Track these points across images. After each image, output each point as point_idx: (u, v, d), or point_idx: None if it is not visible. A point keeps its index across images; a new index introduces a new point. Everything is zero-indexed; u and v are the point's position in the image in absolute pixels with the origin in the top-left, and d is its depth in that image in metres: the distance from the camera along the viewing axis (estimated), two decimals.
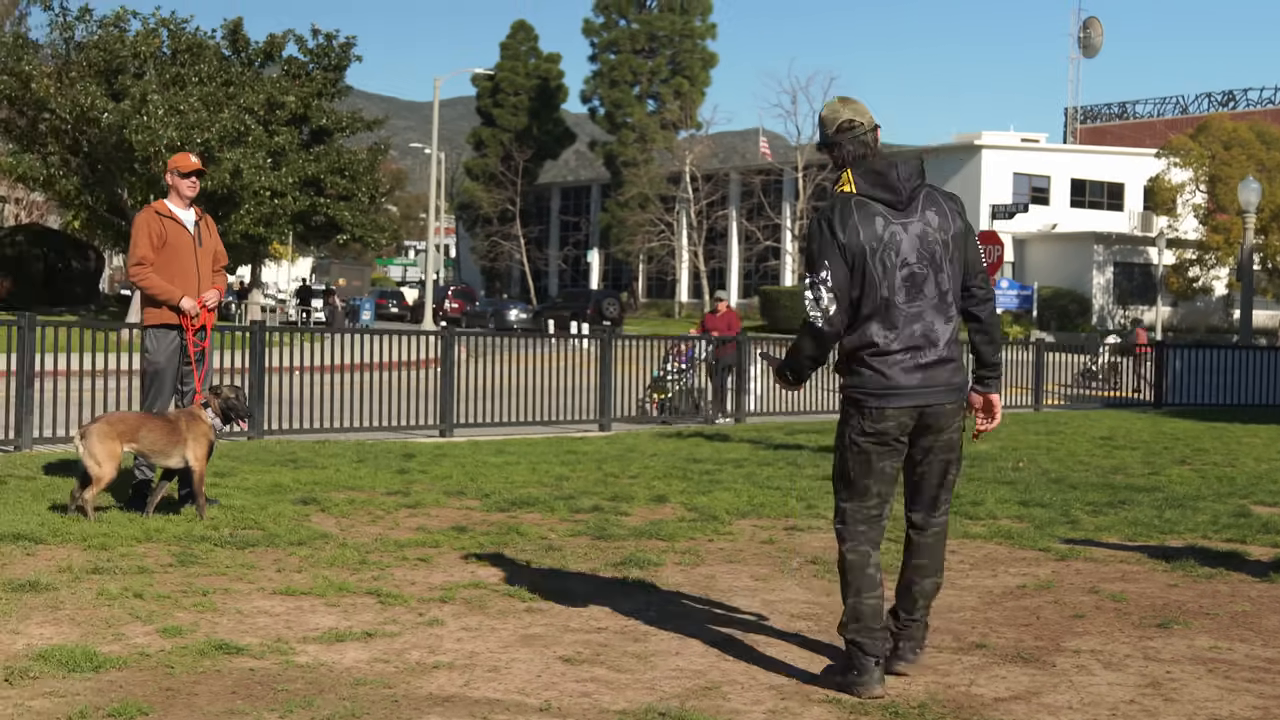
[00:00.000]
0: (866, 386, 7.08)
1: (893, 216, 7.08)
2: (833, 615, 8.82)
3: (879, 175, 7.14)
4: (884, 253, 7.01)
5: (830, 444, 19.43)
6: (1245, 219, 41.75)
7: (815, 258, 7.08)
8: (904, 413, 7.07)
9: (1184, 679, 7.61)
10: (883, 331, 7.03)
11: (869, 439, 7.12)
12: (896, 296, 7.03)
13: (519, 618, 8.52)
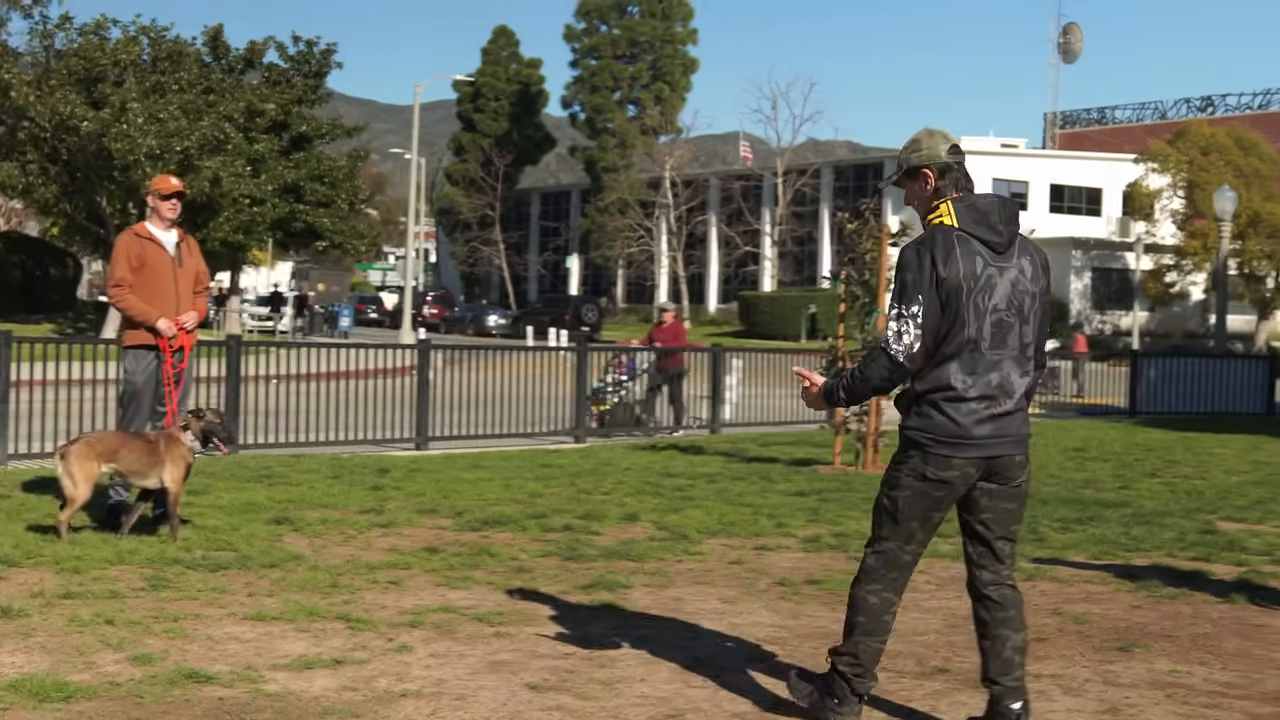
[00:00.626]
0: (935, 431, 6.76)
1: (991, 258, 6.77)
2: (799, 639, 8.94)
3: (982, 214, 6.82)
4: (979, 294, 6.71)
5: (805, 456, 19.72)
6: (1221, 228, 41.94)
7: (908, 288, 6.72)
8: (970, 463, 6.77)
9: (1142, 704, 7.72)
10: (962, 376, 6.73)
11: (928, 485, 6.82)
12: (983, 342, 6.74)
13: (487, 643, 8.61)
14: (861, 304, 19.16)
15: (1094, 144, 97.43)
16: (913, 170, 6.99)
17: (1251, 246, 68.54)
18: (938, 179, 6.91)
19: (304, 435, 19.92)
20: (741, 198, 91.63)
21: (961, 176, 6.94)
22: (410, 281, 69.88)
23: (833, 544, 12.42)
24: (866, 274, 19.26)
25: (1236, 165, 70.38)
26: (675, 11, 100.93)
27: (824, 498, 15.45)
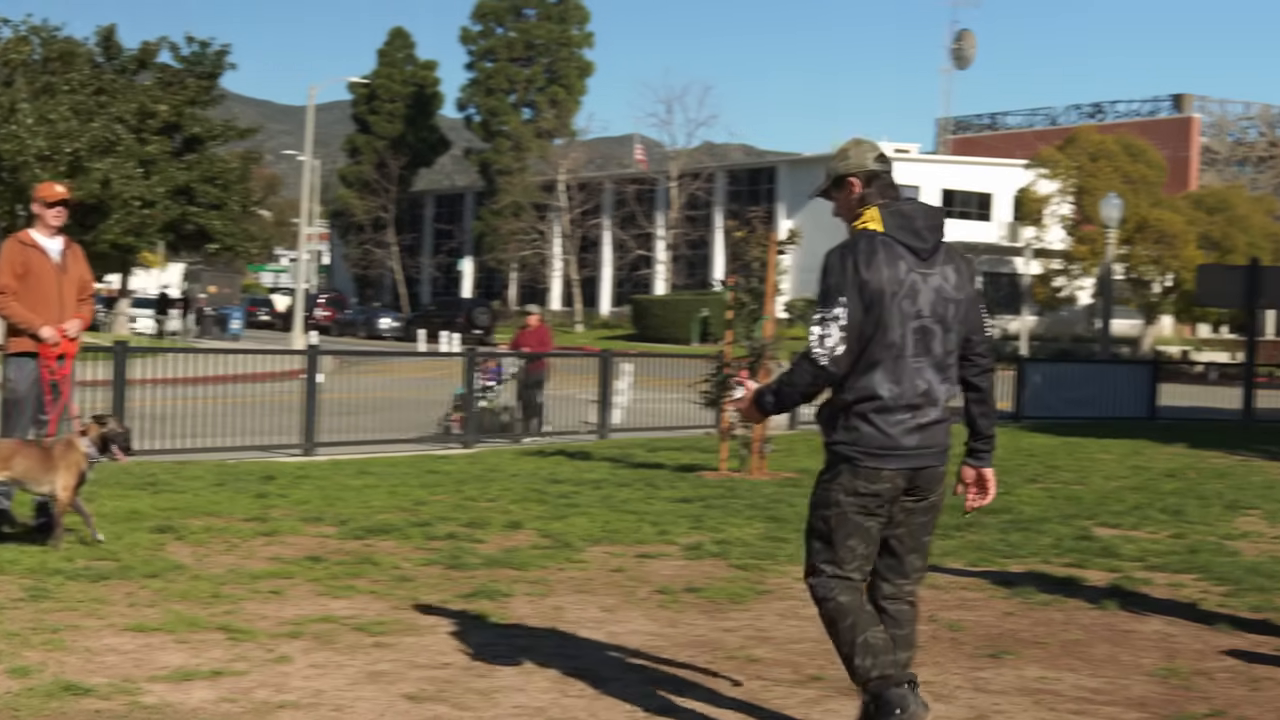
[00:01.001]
0: (864, 444, 6.67)
1: (915, 264, 6.70)
2: (677, 647, 9.04)
3: (907, 219, 6.77)
4: (903, 299, 6.65)
5: (691, 461, 19.83)
6: (1107, 234, 42.48)
7: (831, 292, 6.64)
8: (900, 474, 6.70)
9: (1010, 711, 7.88)
10: (887, 384, 6.64)
11: (861, 499, 6.71)
12: (906, 349, 6.67)
13: (367, 653, 8.66)
14: (749, 310, 19.30)
15: (985, 149, 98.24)
16: (839, 179, 6.98)
17: (1139, 252, 69.31)
18: (864, 186, 6.90)
19: (190, 441, 19.86)
20: (635, 201, 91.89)
21: (888, 184, 6.92)
22: (302, 284, 69.60)
23: (714, 551, 12.53)
24: (754, 281, 19.41)
25: (1125, 172, 71.17)
26: (571, 15, 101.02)
27: (708, 504, 15.58)
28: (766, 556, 12.33)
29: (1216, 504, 17.14)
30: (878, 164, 6.92)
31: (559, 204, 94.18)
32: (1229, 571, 12.22)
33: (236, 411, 20.50)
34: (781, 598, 10.71)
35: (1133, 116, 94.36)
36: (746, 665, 8.67)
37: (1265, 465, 22.70)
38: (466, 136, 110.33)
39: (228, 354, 23.38)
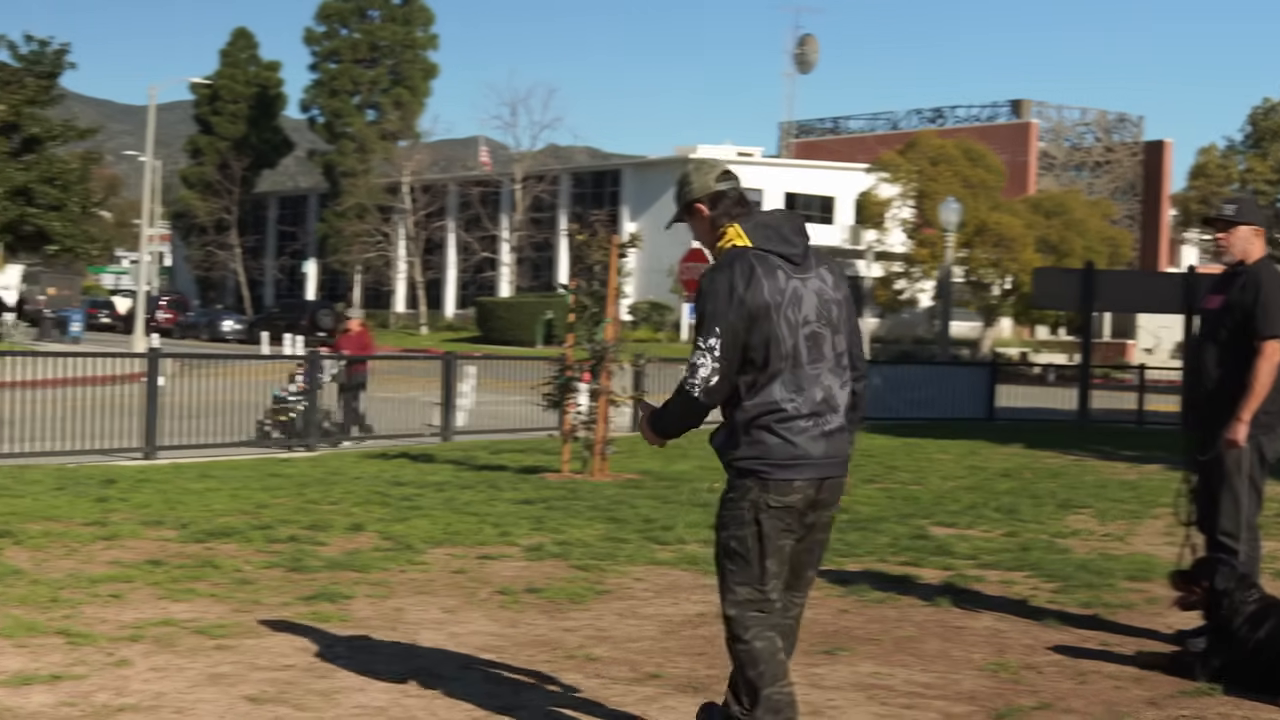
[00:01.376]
0: (772, 456, 6.50)
1: (792, 271, 6.61)
2: (517, 647, 9.13)
3: (773, 229, 6.69)
4: (788, 308, 6.54)
5: (534, 464, 19.90)
6: (946, 238, 43.08)
7: (706, 320, 6.52)
8: (810, 485, 6.55)
9: (844, 705, 8.05)
10: (787, 395, 6.51)
11: (773, 514, 6.53)
12: (801, 357, 6.55)
13: (208, 656, 8.68)
14: (591, 313, 19.42)
15: (828, 153, 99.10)
16: (688, 207, 6.90)
17: (978, 255, 70.18)
18: (712, 209, 6.82)
19: (29, 445, 19.67)
20: (480, 204, 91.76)
21: (736, 200, 6.83)
22: (144, 286, 68.84)
23: (555, 552, 12.64)
24: (596, 284, 19.53)
25: (964, 176, 72.03)
26: (416, 17, 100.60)
27: (550, 506, 15.67)
28: (607, 557, 12.45)
29: (1049, 503, 17.47)
30: (720, 182, 6.85)
31: (403, 206, 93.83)
32: (1059, 569, 12.51)
33: (76, 415, 20.31)
34: (621, 597, 10.83)
35: (972, 122, 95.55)
36: (586, 664, 8.78)
37: (1098, 465, 23.15)
38: (310, 138, 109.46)
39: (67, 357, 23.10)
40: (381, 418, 25.33)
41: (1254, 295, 9.39)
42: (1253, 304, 9.38)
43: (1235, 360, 9.44)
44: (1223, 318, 9.56)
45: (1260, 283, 9.43)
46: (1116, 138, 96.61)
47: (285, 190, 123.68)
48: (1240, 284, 9.53)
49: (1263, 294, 9.37)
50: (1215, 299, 9.71)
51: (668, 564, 12.29)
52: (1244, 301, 9.44)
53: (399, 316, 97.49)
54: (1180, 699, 8.39)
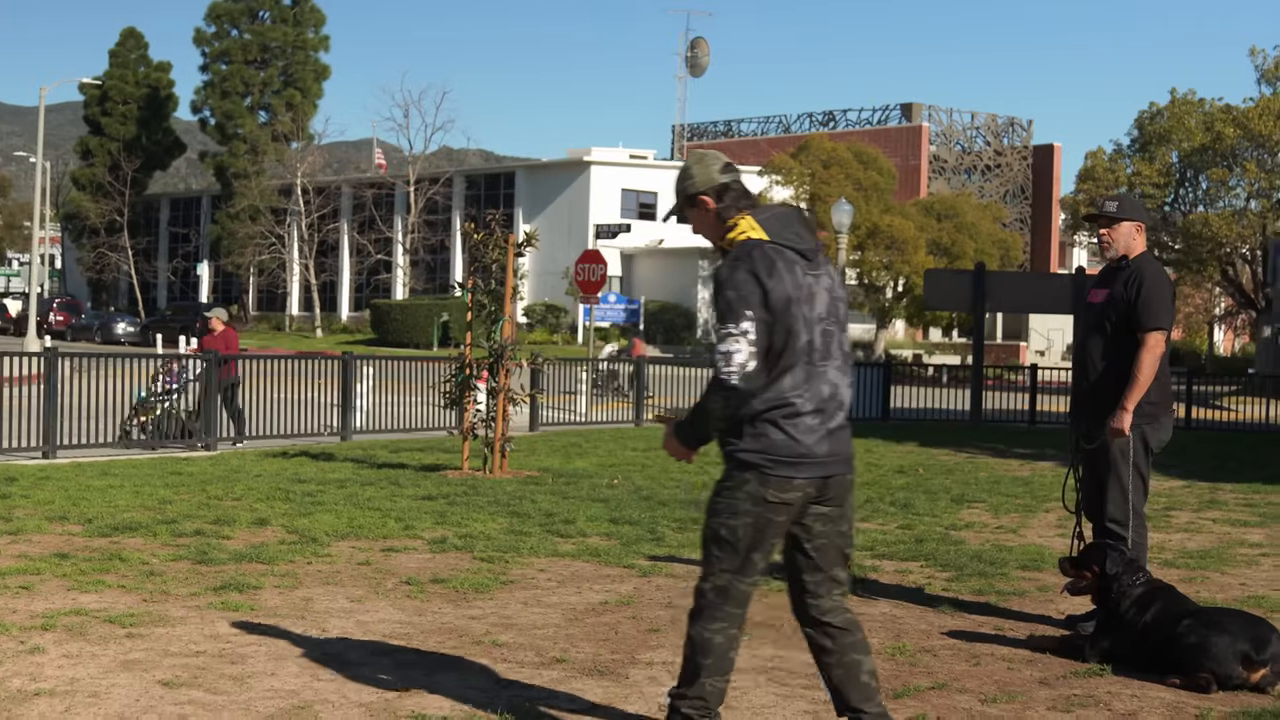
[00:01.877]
0: (775, 452, 6.41)
1: (806, 268, 6.52)
2: (424, 634, 9.29)
3: (787, 224, 6.58)
4: (804, 304, 6.45)
5: (434, 461, 20.02)
6: (838, 239, 43.46)
7: (733, 305, 6.34)
8: (810, 483, 6.48)
9: (746, 687, 8.27)
10: (795, 390, 6.42)
11: (768, 509, 6.47)
12: (815, 353, 6.47)
13: (120, 643, 8.79)
14: (488, 312, 19.57)
15: None
16: (691, 199, 6.78)
17: (871, 257, 70.74)
18: (717, 201, 6.71)
19: None
20: (374, 206, 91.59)
21: (741, 193, 6.74)
22: (35, 288, 68.31)
23: (458, 545, 12.80)
24: (493, 283, 19.68)
25: (856, 178, 72.57)
26: (307, 18, 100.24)
27: (451, 501, 15.82)
28: (510, 549, 12.62)
29: (944, 498, 17.78)
30: (725, 175, 6.74)
31: (296, 208, 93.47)
32: (953, 559, 12.80)
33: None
34: (525, 587, 11.01)
35: (864, 125, 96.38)
36: (492, 649, 8.95)
37: (991, 462, 23.51)
38: (202, 139, 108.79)
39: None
40: (279, 418, 25.29)
41: (1137, 289, 9.72)
42: (1135, 298, 9.70)
43: (1119, 352, 9.76)
44: (1107, 311, 9.86)
45: (1143, 277, 9.75)
46: (1006, 142, 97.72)
47: (177, 192, 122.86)
48: (1124, 279, 9.85)
49: (1145, 288, 9.70)
50: (1099, 293, 10.02)
51: (570, 556, 12.49)
52: (1127, 295, 9.76)
53: (294, 319, 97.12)
54: (1071, 679, 8.67)
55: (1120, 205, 10.03)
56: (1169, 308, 9.76)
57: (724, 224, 6.67)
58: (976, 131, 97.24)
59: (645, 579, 11.54)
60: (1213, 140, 67.25)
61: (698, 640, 6.77)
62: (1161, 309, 9.69)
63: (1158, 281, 9.76)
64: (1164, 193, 69.99)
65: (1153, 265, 9.92)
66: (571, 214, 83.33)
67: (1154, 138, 70.07)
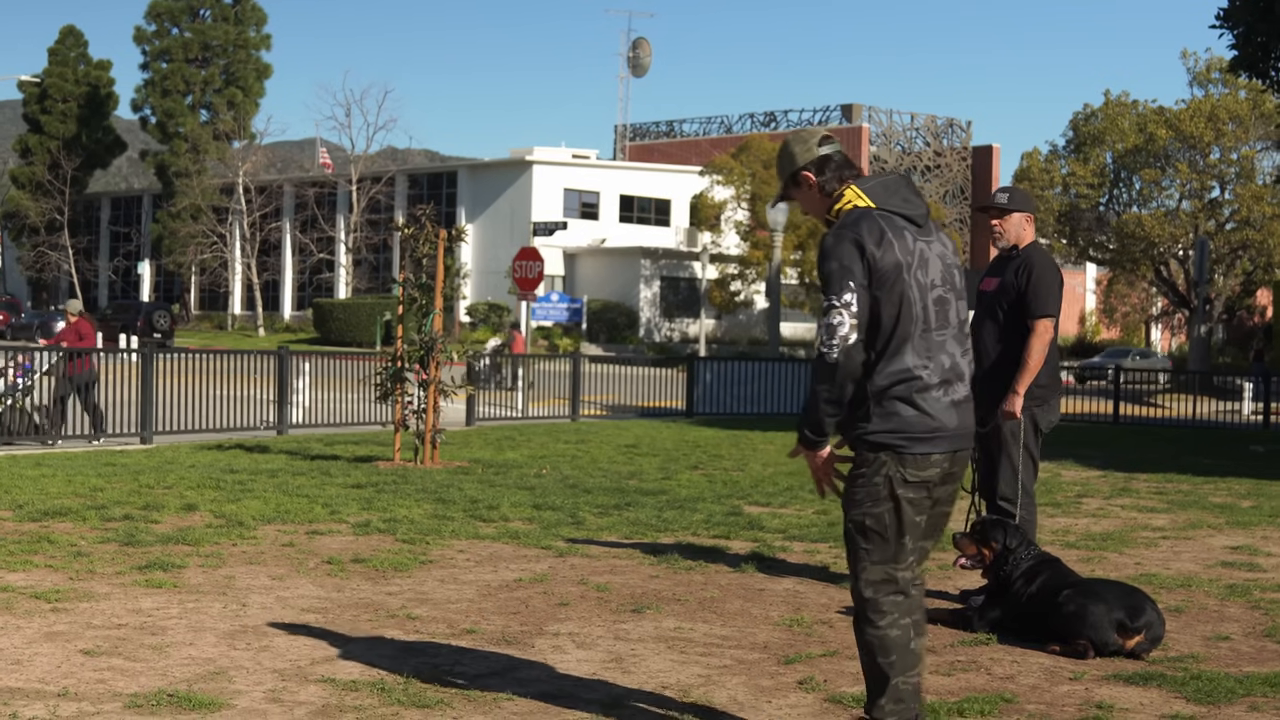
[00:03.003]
0: (909, 429, 6.18)
1: (917, 234, 6.32)
2: (340, 608, 9.64)
3: (893, 190, 6.38)
4: (918, 270, 6.23)
5: (367, 453, 20.34)
6: (774, 238, 43.90)
7: (835, 276, 6.13)
8: (945, 458, 6.27)
9: (645, 655, 8.64)
10: (920, 361, 6.20)
11: (909, 489, 6.22)
12: (930, 321, 6.24)
13: (44, 617, 9.11)
14: (419, 306, 19.89)
15: (663, 156, 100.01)
16: (794, 177, 6.59)
17: (812, 257, 71.16)
18: (819, 175, 6.51)
19: None
20: (316, 205, 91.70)
21: (842, 163, 6.53)
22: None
23: (382, 528, 13.14)
24: (424, 276, 20.00)
25: None
26: (248, 16, 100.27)
27: (379, 489, 16.14)
28: (432, 532, 12.97)
29: None
30: (824, 147, 6.54)
31: (238, 207, 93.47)
32: None
33: None
34: (443, 566, 11.37)
35: (805, 125, 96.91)
36: (406, 622, 9.31)
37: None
38: (143, 138, 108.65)
39: None
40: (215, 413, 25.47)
41: (1027, 277, 10.18)
42: (1025, 286, 10.17)
43: (1011, 338, 10.22)
44: (999, 298, 10.32)
45: (1033, 265, 10.22)
46: (946, 142, 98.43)
47: (118, 191, 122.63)
48: (1014, 267, 10.31)
49: (1035, 276, 10.17)
50: (991, 281, 10.46)
51: (490, 538, 12.84)
52: (1018, 284, 10.23)
53: (236, 318, 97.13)
54: (957, 647, 9.08)
55: (1010, 197, 10.47)
56: (1057, 296, 10.23)
57: (829, 197, 6.50)
58: (916, 132, 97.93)
59: (561, 559, 11.92)
60: (1146, 141, 68.01)
61: (873, 643, 6.40)
62: (1049, 297, 10.16)
63: (1046, 270, 10.23)
64: (1098, 193, 70.66)
65: (1041, 255, 10.38)
66: (514, 213, 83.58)
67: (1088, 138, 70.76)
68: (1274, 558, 13.07)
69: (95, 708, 7.18)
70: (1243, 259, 69.08)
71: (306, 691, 7.60)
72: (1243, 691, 8.04)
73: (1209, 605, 10.63)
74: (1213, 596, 10.98)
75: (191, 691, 7.45)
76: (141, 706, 7.22)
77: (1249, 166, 67.90)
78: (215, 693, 7.48)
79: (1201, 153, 67.35)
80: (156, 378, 23.44)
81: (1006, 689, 8.06)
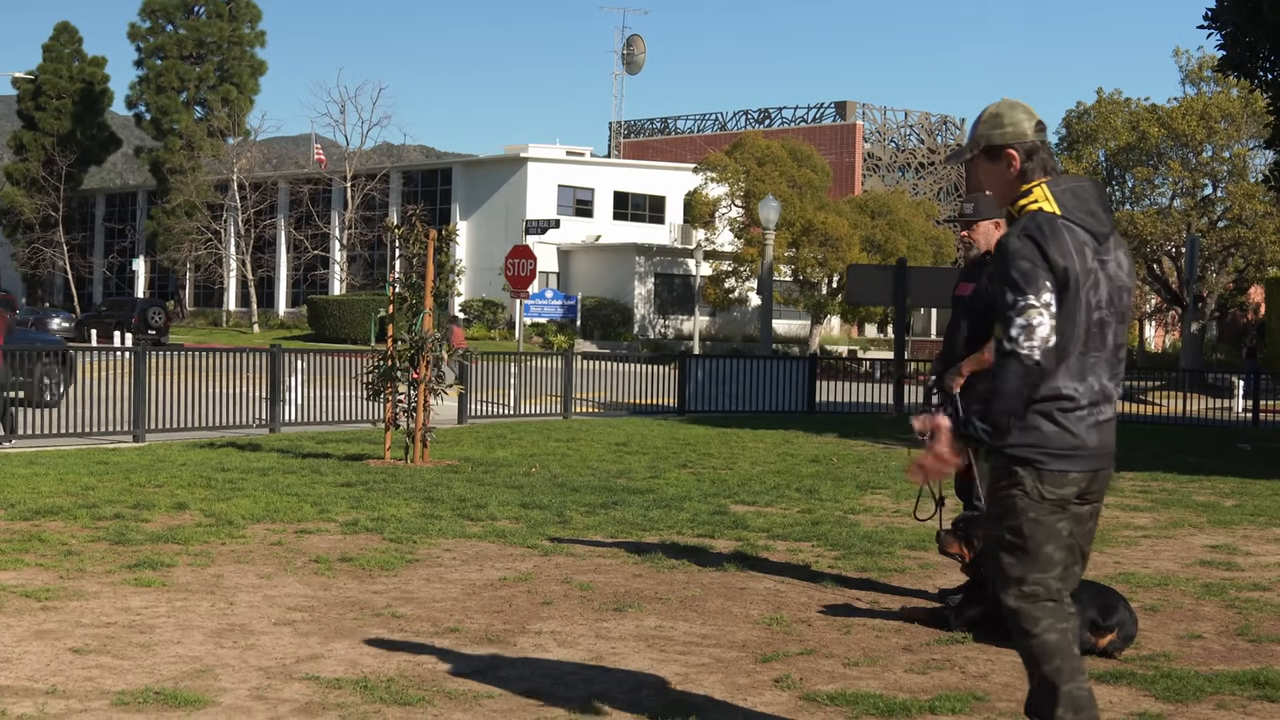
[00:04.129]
0: (1050, 444, 6.06)
1: (1095, 250, 6.09)
2: (327, 606, 9.78)
3: (1082, 199, 6.14)
4: (1090, 289, 6.05)
5: (358, 452, 20.47)
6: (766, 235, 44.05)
7: (1028, 276, 5.94)
8: (1083, 478, 6.13)
9: (625, 653, 8.79)
10: (1072, 381, 6.07)
11: (1047, 505, 6.10)
12: (1089, 343, 6.08)
13: (34, 616, 9.26)
14: (410, 305, 20.02)
15: (657, 153, 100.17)
16: (993, 149, 6.31)
17: (805, 254, 71.32)
18: (1024, 160, 6.25)
19: None
20: (310, 201, 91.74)
21: (1048, 157, 6.28)
22: None
23: (370, 527, 13.29)
24: (414, 275, 20.12)
25: (791, 176, 73.17)
26: (243, 13, 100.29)
27: (369, 488, 16.27)
28: (419, 531, 13.11)
29: (850, 484, 18.31)
30: (1038, 134, 6.29)
31: (233, 203, 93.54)
32: (844, 539, 13.36)
33: None
34: (429, 565, 11.52)
35: (799, 123, 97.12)
36: (391, 620, 9.46)
37: (905, 452, 23.97)
38: (138, 135, 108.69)
39: None
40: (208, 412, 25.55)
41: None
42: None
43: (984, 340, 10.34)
44: (974, 303, 10.45)
45: None
46: (939, 140, 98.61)
47: (113, 187, 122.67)
48: (988, 272, 10.43)
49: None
50: (966, 286, 10.60)
51: (476, 537, 12.98)
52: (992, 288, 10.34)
53: (231, 315, 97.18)
54: (934, 646, 9.23)
55: (976, 207, 10.61)
56: None
57: (1020, 186, 6.26)
58: (910, 130, 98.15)
59: (546, 558, 12.06)
60: (1138, 139, 68.17)
61: (1036, 650, 6.22)
62: None
63: None
64: None
65: None
66: (508, 210, 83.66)
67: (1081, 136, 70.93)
68: (1252, 557, 13.23)
69: (83, 705, 7.32)
70: (1235, 256, 69.22)
71: (290, 689, 7.75)
72: (1211, 690, 8.20)
73: (1184, 604, 10.79)
74: (1189, 595, 11.13)
75: (178, 689, 7.60)
76: (129, 704, 7.36)
77: (1241, 164, 68.02)
78: (201, 690, 7.63)
79: (1194, 151, 67.52)
80: (150, 375, 23.54)
81: (979, 687, 8.21)
